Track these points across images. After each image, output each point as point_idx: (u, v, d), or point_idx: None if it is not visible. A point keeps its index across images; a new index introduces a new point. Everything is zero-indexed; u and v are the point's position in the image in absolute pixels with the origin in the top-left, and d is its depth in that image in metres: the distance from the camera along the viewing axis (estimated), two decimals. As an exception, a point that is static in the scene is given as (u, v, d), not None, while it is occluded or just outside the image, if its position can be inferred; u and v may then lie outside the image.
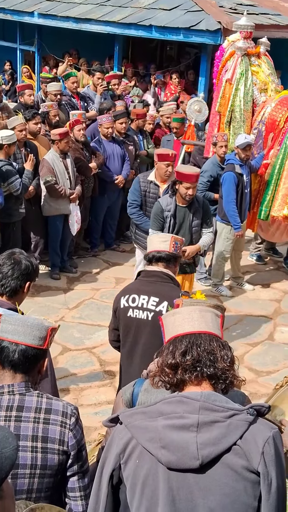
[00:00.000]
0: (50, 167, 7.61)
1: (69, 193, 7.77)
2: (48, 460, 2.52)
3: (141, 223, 6.67)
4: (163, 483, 1.97)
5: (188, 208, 5.93)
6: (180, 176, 5.78)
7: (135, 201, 6.72)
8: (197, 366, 2.10)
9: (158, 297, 4.00)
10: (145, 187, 6.63)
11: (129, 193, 6.88)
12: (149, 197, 6.62)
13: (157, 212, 5.94)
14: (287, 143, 7.22)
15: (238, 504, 1.95)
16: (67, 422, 2.57)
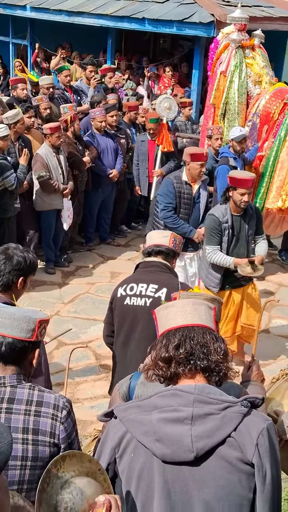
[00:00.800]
0: (43, 161, 7.59)
1: (62, 188, 7.75)
2: (39, 452, 2.53)
3: (177, 226, 6.27)
4: (158, 476, 1.97)
5: (242, 217, 5.62)
6: (235, 181, 5.47)
7: (171, 204, 6.32)
8: (190, 359, 2.10)
9: (157, 284, 4.01)
10: (180, 188, 6.30)
11: (161, 195, 6.45)
12: (183, 198, 6.33)
13: (214, 226, 5.53)
14: (281, 135, 7.20)
15: (233, 496, 1.95)
16: (58, 415, 2.58)
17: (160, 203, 6.48)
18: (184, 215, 6.34)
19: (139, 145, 8.87)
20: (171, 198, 6.29)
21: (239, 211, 5.58)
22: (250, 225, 5.66)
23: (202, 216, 6.43)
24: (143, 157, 8.81)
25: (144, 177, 8.88)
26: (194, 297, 2.63)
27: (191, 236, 6.32)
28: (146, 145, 8.76)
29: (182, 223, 6.31)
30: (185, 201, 6.32)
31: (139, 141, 8.91)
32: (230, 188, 5.50)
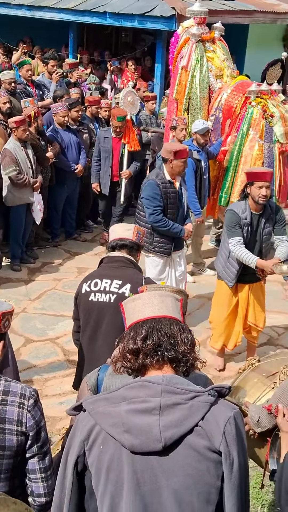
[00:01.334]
0: (12, 156, 7.52)
1: (32, 182, 7.70)
2: (7, 441, 2.54)
3: (169, 228, 6.07)
4: (127, 467, 1.99)
5: (261, 215, 5.44)
6: (252, 176, 5.34)
7: (159, 207, 6.02)
8: (158, 350, 2.13)
9: (121, 279, 4.00)
10: (165, 188, 6.03)
11: (148, 200, 6.06)
12: (170, 198, 6.08)
13: (235, 219, 5.35)
14: (244, 129, 7.26)
15: (201, 484, 1.98)
16: (25, 403, 2.59)
17: (147, 207, 6.09)
18: (171, 215, 6.13)
19: (102, 141, 8.44)
20: (159, 201, 6.01)
21: (258, 209, 5.40)
22: (267, 225, 5.49)
23: (186, 212, 6.38)
24: (106, 154, 8.40)
25: (107, 176, 8.46)
26: (161, 289, 2.65)
27: (182, 235, 6.21)
28: (110, 142, 8.38)
29: (172, 224, 6.10)
30: (171, 201, 6.10)
31: (102, 137, 8.48)
32: (247, 184, 5.36)
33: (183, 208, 6.29)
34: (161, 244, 6.20)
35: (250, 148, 7.22)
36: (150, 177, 6.19)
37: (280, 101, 7.44)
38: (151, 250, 6.24)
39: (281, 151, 7.24)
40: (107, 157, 8.40)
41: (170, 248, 6.21)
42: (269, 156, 7.16)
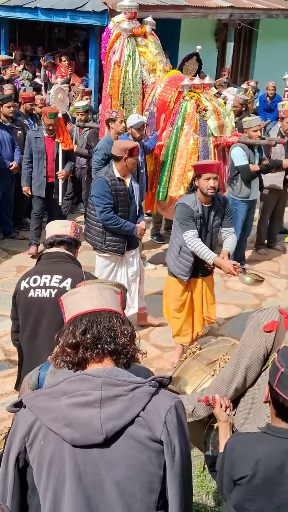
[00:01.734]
0: None
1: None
2: None
3: (120, 226, 5.99)
4: (69, 460, 2.00)
5: (210, 208, 5.46)
6: (199, 168, 5.35)
7: (109, 205, 5.93)
8: (97, 343, 2.13)
9: (61, 274, 3.96)
10: (115, 186, 5.96)
11: (97, 198, 5.97)
12: (120, 196, 6.00)
13: (187, 212, 5.34)
14: (178, 124, 7.31)
15: (144, 474, 2.01)
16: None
17: (97, 205, 6.00)
18: (123, 213, 6.04)
19: (33, 142, 8.11)
20: (109, 198, 5.93)
21: (208, 201, 5.42)
22: (216, 217, 5.53)
23: (138, 210, 6.30)
24: (40, 155, 8.11)
25: (42, 177, 8.16)
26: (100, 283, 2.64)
27: (134, 233, 6.12)
28: (42, 142, 8.10)
29: (124, 222, 6.01)
30: (122, 198, 6.01)
31: (33, 137, 8.13)
32: (195, 177, 5.37)
33: (135, 206, 6.21)
34: (114, 243, 6.12)
35: (185, 142, 7.28)
36: (99, 175, 6.12)
37: (212, 95, 7.53)
38: (104, 249, 6.16)
39: (216, 144, 7.33)
40: (41, 158, 8.12)
41: (123, 247, 6.12)
42: (204, 150, 7.25)
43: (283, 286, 7.90)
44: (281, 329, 2.98)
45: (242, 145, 7.65)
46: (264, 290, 7.79)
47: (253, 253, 8.97)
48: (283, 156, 8.38)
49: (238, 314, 7.14)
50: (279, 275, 8.26)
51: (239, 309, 7.27)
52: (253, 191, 7.99)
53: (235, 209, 7.87)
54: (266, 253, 8.95)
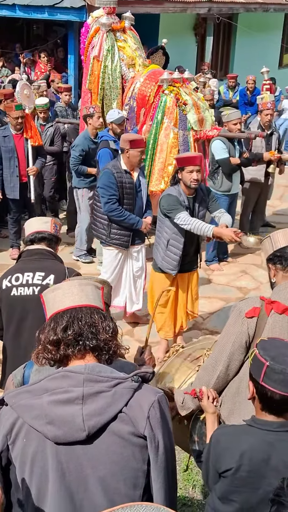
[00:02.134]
0: None
1: None
2: None
3: (124, 218, 5.97)
4: (51, 458, 1.99)
5: (194, 199, 5.48)
6: (181, 161, 5.33)
7: (114, 196, 5.92)
8: (79, 340, 2.12)
9: (44, 271, 3.93)
10: (120, 178, 5.94)
11: (103, 189, 5.99)
12: (126, 188, 5.98)
13: (174, 199, 5.33)
14: (158, 118, 7.31)
15: (127, 469, 2.00)
16: None
17: (102, 196, 6.01)
18: (128, 206, 6.01)
19: (1, 141, 7.72)
20: (114, 190, 5.92)
21: (191, 193, 5.43)
22: (201, 208, 5.54)
23: (145, 205, 6.23)
24: (10, 154, 7.73)
25: (14, 178, 7.78)
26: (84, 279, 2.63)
27: (139, 226, 6.06)
28: (11, 141, 7.72)
29: (128, 215, 5.98)
30: (128, 191, 5.99)
31: (0, 137, 7.76)
32: (178, 170, 5.37)
33: (141, 200, 6.16)
34: (118, 236, 6.10)
35: (165, 136, 7.28)
36: (106, 167, 6.11)
37: (192, 89, 7.53)
38: (108, 242, 6.17)
39: (196, 138, 7.34)
40: (11, 157, 7.75)
41: (128, 241, 6.10)
42: (184, 144, 7.25)
43: (266, 279, 7.87)
44: (263, 315, 3.01)
45: (222, 138, 7.66)
46: (247, 283, 7.83)
47: (236, 246, 8.99)
48: (264, 149, 8.41)
49: (222, 307, 7.16)
50: (262, 268, 8.29)
51: (223, 302, 7.29)
52: (234, 184, 8.01)
53: (217, 203, 7.90)
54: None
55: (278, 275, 3.20)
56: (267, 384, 2.39)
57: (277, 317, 2.99)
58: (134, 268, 6.30)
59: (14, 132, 7.76)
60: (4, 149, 7.72)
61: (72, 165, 7.75)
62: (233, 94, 14.28)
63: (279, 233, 3.25)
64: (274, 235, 3.26)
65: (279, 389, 2.36)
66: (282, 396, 2.37)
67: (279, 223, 9.92)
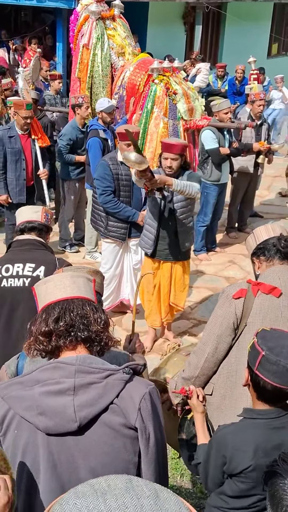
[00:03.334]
0: None
1: None
2: None
3: (119, 210, 5.93)
4: (42, 449, 1.99)
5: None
6: (163, 146, 5.35)
7: (109, 188, 5.90)
8: (71, 331, 2.12)
9: (34, 262, 3.91)
10: (116, 170, 5.88)
11: (98, 180, 5.95)
12: (122, 180, 5.92)
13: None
14: (148, 107, 7.28)
15: (118, 461, 2.01)
16: None
17: (97, 188, 5.99)
18: (125, 198, 5.96)
19: (6, 142, 7.05)
20: (109, 181, 5.89)
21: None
22: (181, 196, 5.41)
23: (144, 198, 6.07)
24: (17, 157, 7.09)
25: (21, 181, 7.16)
26: (77, 270, 2.62)
27: (135, 219, 5.98)
28: (18, 141, 7.08)
29: (124, 207, 5.94)
30: (124, 183, 5.93)
31: (5, 137, 7.05)
32: (161, 154, 5.41)
33: (139, 193, 6.09)
34: (115, 229, 6.07)
35: (155, 126, 7.26)
36: (103, 158, 6.08)
37: (182, 78, 7.51)
38: (106, 234, 6.16)
39: (186, 128, 7.33)
40: (18, 159, 7.12)
41: (125, 234, 6.07)
42: (174, 133, 7.24)
43: (254, 268, 7.95)
44: (250, 296, 3.05)
45: (212, 128, 7.65)
46: (235, 273, 7.86)
47: (224, 236, 9.02)
48: (253, 140, 8.42)
49: (210, 297, 7.19)
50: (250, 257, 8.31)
51: (211, 292, 7.32)
52: (224, 174, 8.01)
53: (206, 193, 7.91)
54: (237, 236, 9.01)
55: (262, 266, 3.25)
56: (261, 374, 2.41)
57: (264, 297, 3.04)
58: (133, 261, 6.29)
59: (20, 132, 7.09)
60: (10, 151, 7.09)
61: (59, 155, 7.71)
62: (221, 84, 14.26)
63: (261, 229, 3.34)
64: (257, 231, 3.34)
65: (272, 380, 2.39)
66: (273, 387, 2.40)
67: (266, 213, 9.97)
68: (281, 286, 3.06)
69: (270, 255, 3.20)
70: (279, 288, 3.03)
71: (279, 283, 3.06)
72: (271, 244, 3.22)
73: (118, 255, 6.23)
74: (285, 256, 3.19)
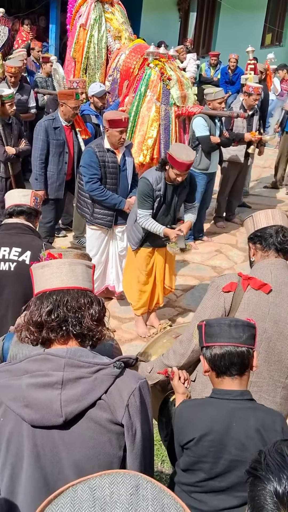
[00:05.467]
0: None
1: None
2: None
3: (106, 198, 5.87)
4: (27, 440, 1.98)
5: (175, 187, 5.47)
6: (172, 161, 5.20)
7: (95, 175, 5.82)
8: (62, 326, 2.07)
9: (20, 247, 3.89)
10: (103, 157, 5.80)
11: (84, 168, 5.87)
12: (109, 168, 5.86)
13: (147, 191, 5.32)
14: (141, 90, 7.24)
15: (103, 455, 2.00)
16: None
17: (84, 175, 5.92)
18: (112, 185, 5.92)
19: (51, 134, 6.66)
20: (95, 169, 5.82)
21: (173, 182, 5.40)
22: (181, 196, 5.56)
23: (130, 185, 6.11)
24: (60, 149, 6.79)
25: (62, 176, 6.91)
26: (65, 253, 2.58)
27: (122, 207, 5.95)
28: (62, 133, 6.74)
29: (110, 194, 5.88)
30: (111, 170, 5.87)
31: (50, 128, 6.69)
32: (167, 163, 5.27)
33: (126, 180, 6.06)
34: (101, 216, 6.03)
35: (147, 110, 7.21)
36: (89, 145, 6.00)
37: (176, 66, 7.49)
38: (92, 221, 6.11)
39: (177, 114, 7.31)
40: (62, 152, 6.80)
41: (111, 221, 6.04)
42: (166, 119, 7.21)
43: (240, 259, 7.98)
44: (239, 290, 3.04)
45: (204, 115, 7.62)
46: (222, 262, 7.87)
47: (212, 225, 9.03)
48: (245, 130, 8.41)
49: (196, 285, 7.20)
50: (237, 247, 8.34)
51: (197, 281, 7.33)
52: (213, 163, 8.00)
53: (194, 181, 7.90)
54: (225, 226, 9.02)
55: (257, 254, 3.22)
56: (208, 342, 2.48)
57: (253, 293, 3.03)
58: (118, 248, 6.27)
59: (64, 123, 6.77)
60: (55, 143, 6.73)
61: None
62: (214, 72, 14.22)
63: (261, 214, 3.27)
64: (256, 216, 3.27)
65: (217, 341, 2.46)
66: (222, 349, 2.45)
67: (254, 204, 9.99)
68: (271, 281, 3.04)
69: (267, 245, 3.16)
70: (269, 285, 3.02)
71: (270, 278, 3.05)
72: (268, 234, 3.17)
73: (103, 242, 6.21)
74: (280, 250, 3.17)
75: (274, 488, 1.37)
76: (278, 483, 1.37)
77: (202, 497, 2.52)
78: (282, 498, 1.36)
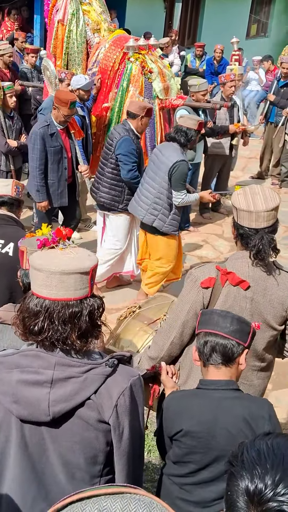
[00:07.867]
0: None
1: None
2: None
3: (137, 184, 5.97)
4: (15, 430, 2.02)
5: None
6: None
7: (136, 163, 5.94)
8: (46, 337, 2.00)
9: (4, 239, 3.89)
10: (137, 144, 5.99)
11: (126, 156, 5.87)
12: (139, 154, 6.05)
13: (186, 173, 5.72)
14: (124, 85, 7.23)
15: (89, 449, 2.02)
16: None
17: (126, 163, 5.88)
18: (139, 172, 6.08)
19: (48, 141, 6.32)
20: (135, 156, 5.93)
21: None
22: None
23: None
24: (59, 155, 6.44)
25: (63, 182, 6.56)
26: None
27: None
28: (59, 138, 6.40)
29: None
30: (138, 157, 6.06)
31: (47, 135, 6.29)
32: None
33: (142, 166, 6.21)
34: (127, 202, 6.09)
35: (131, 104, 7.23)
36: (123, 133, 5.98)
37: (158, 56, 7.47)
38: (121, 209, 6.17)
39: (161, 107, 7.32)
40: (60, 158, 6.44)
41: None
42: (150, 112, 7.21)
43: (227, 249, 8.03)
44: (218, 286, 3.05)
45: (188, 108, 7.63)
46: (208, 252, 7.91)
47: (198, 216, 9.06)
48: (228, 122, 8.43)
49: (182, 275, 7.23)
50: (223, 238, 8.38)
51: (183, 271, 7.35)
52: (198, 154, 8.03)
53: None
54: (211, 217, 9.05)
55: (238, 244, 3.19)
56: (198, 330, 2.56)
57: (231, 288, 3.05)
58: (137, 233, 6.40)
59: (59, 127, 6.38)
60: (53, 151, 6.34)
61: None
62: (199, 63, 14.21)
63: (240, 197, 3.05)
64: (235, 199, 3.07)
65: (204, 328, 2.52)
66: (206, 336, 2.51)
67: (240, 194, 10.00)
68: (249, 275, 3.04)
69: (246, 244, 3.06)
70: (247, 281, 3.02)
71: (247, 272, 3.05)
72: (251, 239, 3.03)
73: (129, 228, 6.35)
74: (255, 255, 3.07)
75: (246, 486, 1.34)
76: (250, 481, 1.33)
77: (193, 489, 2.54)
78: (252, 497, 1.32)
